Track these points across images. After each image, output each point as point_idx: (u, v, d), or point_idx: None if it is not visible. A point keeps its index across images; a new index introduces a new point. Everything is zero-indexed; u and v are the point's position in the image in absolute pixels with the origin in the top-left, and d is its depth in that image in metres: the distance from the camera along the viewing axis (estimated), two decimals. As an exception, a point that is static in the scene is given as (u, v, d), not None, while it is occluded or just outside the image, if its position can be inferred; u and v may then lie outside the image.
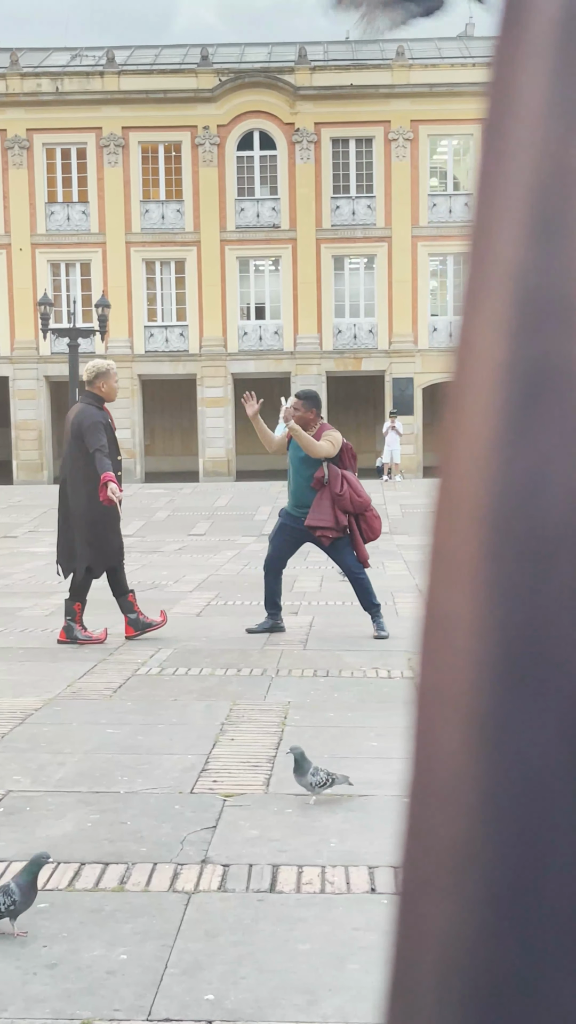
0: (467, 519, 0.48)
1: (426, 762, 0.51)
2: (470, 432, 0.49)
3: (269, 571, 10.02)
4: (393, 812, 5.16)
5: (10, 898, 3.87)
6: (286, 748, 6.23)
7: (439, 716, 0.50)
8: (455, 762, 0.48)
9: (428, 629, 0.51)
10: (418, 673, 0.53)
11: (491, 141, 0.52)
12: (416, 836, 0.53)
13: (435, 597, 0.51)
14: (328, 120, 41.16)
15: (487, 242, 0.51)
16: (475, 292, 0.51)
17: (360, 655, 8.90)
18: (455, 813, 0.48)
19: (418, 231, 41.24)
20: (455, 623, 0.48)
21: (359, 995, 3.51)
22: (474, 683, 0.47)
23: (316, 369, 41.25)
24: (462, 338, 0.53)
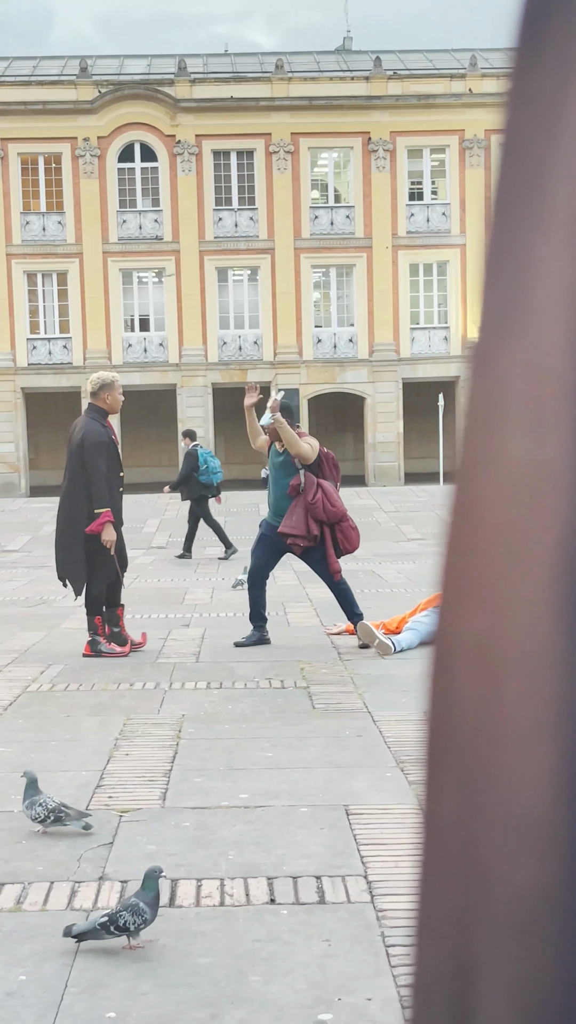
0: (537, 576, 0.45)
1: (495, 805, 0.46)
2: (540, 493, 0.45)
3: (252, 583, 9.96)
4: (290, 823, 5.19)
5: (141, 917, 3.83)
6: (182, 762, 6.23)
7: (506, 759, 0.46)
8: (534, 807, 0.44)
9: (478, 668, 0.47)
10: (470, 711, 0.48)
11: (530, 154, 0.48)
12: (477, 878, 0.47)
13: (483, 633, 0.47)
14: (209, 132, 41.20)
15: (545, 243, 0.47)
16: (525, 312, 0.47)
17: (252, 666, 8.92)
18: (531, 853, 0.45)
19: (300, 243, 41.47)
20: (519, 662, 0.46)
21: (261, 1007, 3.53)
22: (560, 733, 0.44)
23: (202, 380, 41.23)
24: (508, 357, 0.48)
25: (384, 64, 42.14)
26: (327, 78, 41.96)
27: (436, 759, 0.51)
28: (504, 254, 0.50)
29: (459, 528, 0.51)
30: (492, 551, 0.48)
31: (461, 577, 0.50)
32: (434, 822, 0.51)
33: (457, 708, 0.49)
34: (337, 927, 4.07)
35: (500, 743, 0.46)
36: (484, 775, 0.47)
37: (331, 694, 7.91)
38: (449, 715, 0.50)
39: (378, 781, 5.83)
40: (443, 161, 42.06)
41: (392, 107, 41.36)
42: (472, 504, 0.50)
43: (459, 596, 0.50)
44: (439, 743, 0.51)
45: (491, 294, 0.51)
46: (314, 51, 45.44)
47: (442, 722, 0.51)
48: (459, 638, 0.49)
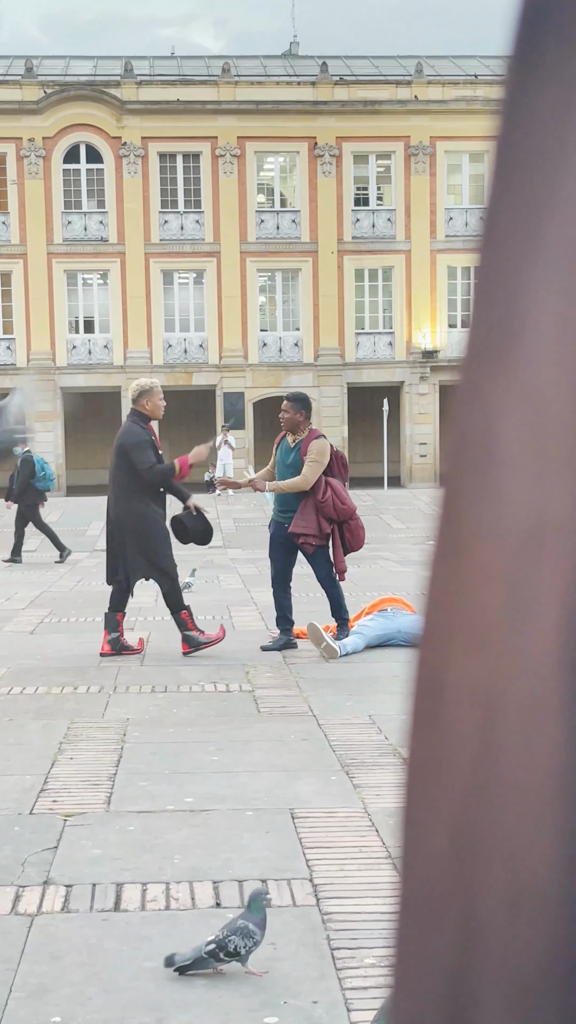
0: (541, 625, 0.43)
1: (494, 867, 0.44)
2: (544, 535, 0.43)
3: (276, 587, 9.93)
4: (235, 826, 5.19)
5: (252, 939, 3.67)
6: (127, 766, 6.21)
7: (507, 819, 0.44)
8: (537, 872, 0.42)
9: (480, 711, 0.45)
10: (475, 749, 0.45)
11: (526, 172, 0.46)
12: (473, 938, 0.45)
13: (483, 682, 0.45)
14: (155, 135, 41.11)
15: (544, 273, 0.44)
16: (520, 344, 0.44)
17: (197, 670, 8.90)
18: (533, 921, 0.43)
19: (246, 247, 41.49)
20: (524, 716, 0.43)
21: (207, 1011, 3.53)
22: (567, 792, 0.42)
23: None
24: (502, 391, 0.45)
25: (330, 70, 42.26)
26: (274, 83, 42.01)
27: (423, 809, 0.48)
28: (495, 280, 0.47)
29: (449, 565, 0.48)
30: (491, 595, 0.46)
31: (453, 617, 0.48)
32: (422, 874, 0.48)
33: (451, 759, 0.47)
34: (283, 930, 4.08)
35: (501, 801, 0.44)
36: (481, 833, 0.45)
37: (276, 698, 7.92)
38: (440, 765, 0.47)
39: (323, 785, 5.85)
40: (388, 167, 42.25)
41: (338, 112, 41.49)
42: (466, 543, 0.47)
43: (450, 637, 0.47)
44: (428, 793, 0.48)
45: (481, 322, 0.48)
46: (261, 55, 45.49)
47: (431, 771, 0.48)
48: (453, 683, 0.47)
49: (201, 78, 42.19)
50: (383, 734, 6.84)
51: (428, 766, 0.48)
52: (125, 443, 9.42)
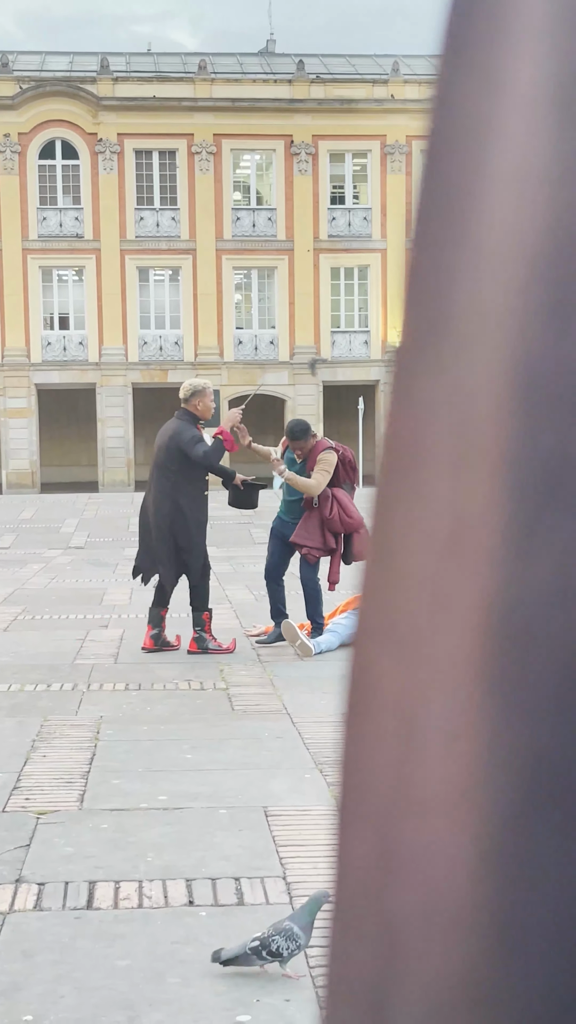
0: (461, 631, 0.42)
1: (413, 881, 0.43)
2: (463, 537, 0.42)
3: (269, 580, 10.00)
4: (209, 824, 5.18)
5: (295, 942, 3.63)
6: (101, 764, 6.20)
7: (424, 832, 0.43)
8: (454, 886, 0.41)
9: (400, 738, 0.44)
10: (388, 774, 0.45)
11: (460, 174, 0.45)
12: (393, 952, 0.44)
13: (403, 689, 0.44)
14: (131, 131, 41.01)
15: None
16: (455, 323, 0.44)
17: (171, 668, 8.89)
18: (450, 936, 0.42)
19: (222, 244, 41.45)
20: (441, 726, 0.42)
21: (180, 1009, 3.53)
22: (483, 806, 0.41)
23: (122, 380, 41.04)
24: (430, 388, 0.45)
25: (307, 68, 42.27)
26: (250, 80, 41.98)
27: (350, 819, 0.47)
28: (425, 274, 0.47)
29: (376, 566, 0.47)
30: (412, 598, 0.45)
31: (378, 620, 0.46)
32: (348, 883, 0.47)
33: (375, 766, 0.46)
34: (256, 928, 4.07)
35: (418, 813, 0.43)
36: (401, 843, 0.44)
37: (250, 696, 7.92)
38: (366, 771, 0.46)
39: (297, 783, 5.85)
40: (365, 166, 42.29)
41: (315, 111, 41.50)
42: (390, 543, 0.46)
43: (377, 641, 0.46)
44: (353, 802, 0.47)
45: (412, 317, 0.47)
46: (237, 53, 45.46)
47: (357, 781, 0.47)
48: (376, 688, 0.46)
49: (177, 75, 42.13)
50: (357, 732, 6.84)
51: (356, 772, 0.47)
52: (181, 441, 9.43)
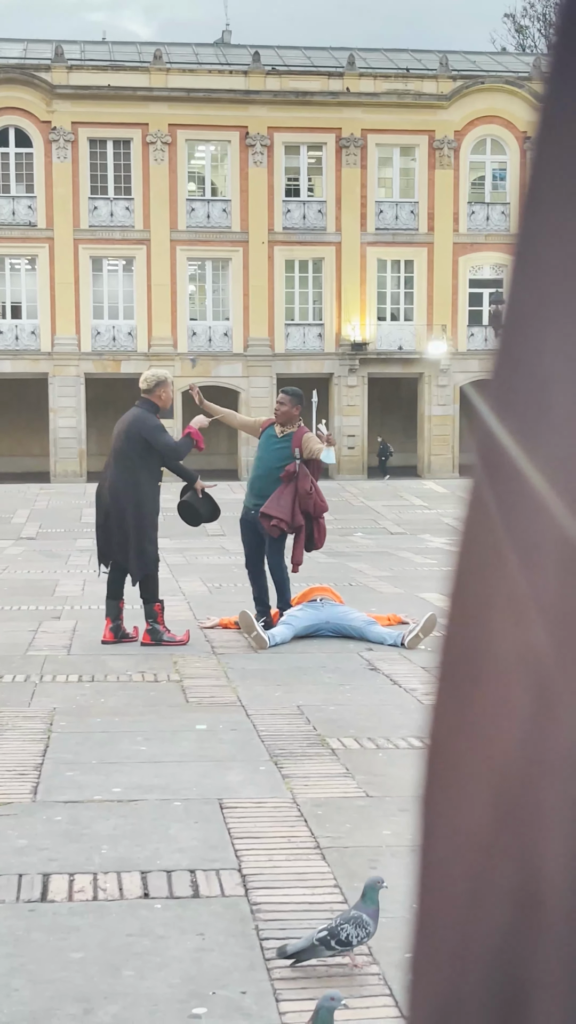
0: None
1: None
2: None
3: (249, 571, 10.15)
4: (163, 816, 5.17)
5: (364, 930, 3.58)
6: (54, 756, 6.16)
7: (569, 737, 0.42)
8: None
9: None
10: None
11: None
12: (532, 902, 0.42)
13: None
14: (85, 120, 40.73)
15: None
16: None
17: (124, 659, 8.85)
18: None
19: (176, 235, 41.28)
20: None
21: (135, 1002, 3.51)
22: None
23: (75, 370, 40.79)
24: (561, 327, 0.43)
25: (263, 59, 42.16)
26: (205, 71, 41.81)
27: (463, 775, 0.46)
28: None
29: (490, 532, 0.47)
30: (537, 561, 0.44)
31: (495, 587, 0.46)
32: (461, 842, 0.45)
33: (498, 726, 0.45)
34: (211, 921, 4.07)
35: (557, 766, 0.42)
36: (536, 798, 0.42)
37: (205, 688, 7.90)
38: (484, 731, 0.46)
39: (252, 775, 5.84)
40: (320, 158, 42.26)
41: (270, 103, 41.41)
42: (512, 508, 0.46)
43: (492, 606, 0.46)
44: (469, 758, 0.46)
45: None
46: (193, 43, 45.27)
47: (471, 737, 0.46)
48: (497, 652, 0.45)
49: (132, 64, 41.88)
50: (311, 724, 6.85)
51: (470, 723, 0.46)
52: (143, 428, 9.42)
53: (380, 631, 9.56)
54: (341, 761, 6.09)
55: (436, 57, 43.72)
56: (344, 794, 5.54)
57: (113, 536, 9.45)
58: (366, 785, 5.68)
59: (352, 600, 10.99)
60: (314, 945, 3.59)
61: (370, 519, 24.85)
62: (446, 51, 44.30)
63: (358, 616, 9.79)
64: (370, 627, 9.61)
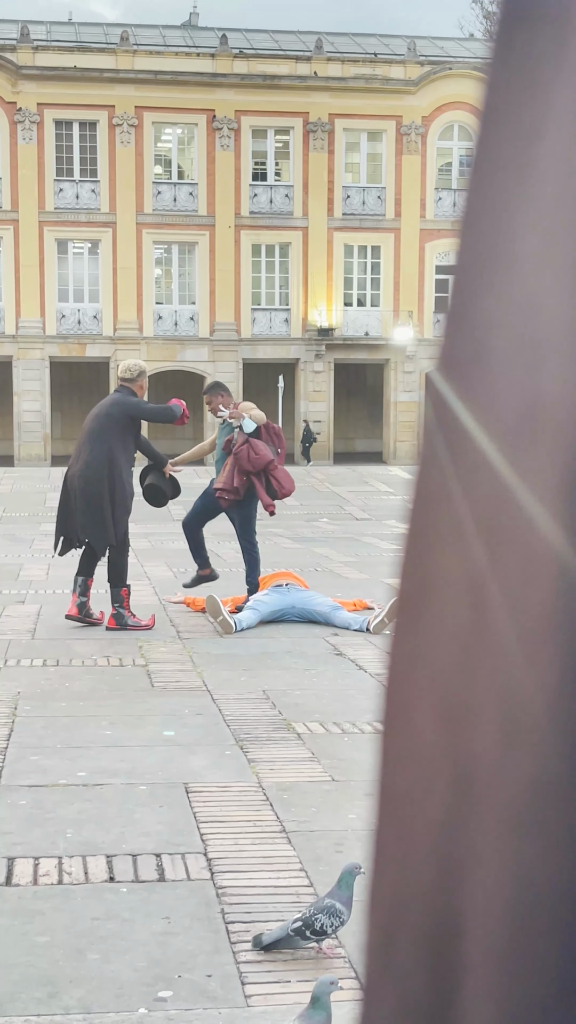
0: (543, 458, 0.46)
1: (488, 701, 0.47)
2: (535, 385, 0.47)
3: (185, 528, 10.62)
4: (129, 800, 5.16)
5: (339, 919, 3.54)
6: (18, 740, 6.13)
7: (503, 639, 0.47)
8: (538, 700, 0.45)
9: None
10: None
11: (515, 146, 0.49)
12: (467, 778, 0.48)
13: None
14: (51, 101, 40.46)
15: (536, 199, 0.48)
16: (520, 254, 0.48)
17: (90, 644, 8.83)
18: (528, 748, 0.45)
19: (143, 218, 41.11)
20: (525, 560, 0.46)
21: (100, 985, 3.50)
22: (561, 625, 0.45)
23: (39, 354, 40.57)
24: (498, 292, 0.49)
25: (230, 42, 42.00)
26: (173, 53, 41.62)
27: (412, 685, 0.52)
28: (484, 207, 0.51)
29: (439, 463, 0.52)
30: (483, 489, 0.49)
31: (444, 522, 0.51)
32: (408, 735, 0.52)
33: (441, 636, 0.50)
34: (177, 904, 4.07)
35: (497, 655, 0.47)
36: (473, 686, 0.48)
37: (170, 672, 7.89)
38: (430, 641, 0.50)
39: (217, 759, 5.84)
40: (287, 143, 42.17)
41: (237, 86, 41.27)
42: (458, 436, 0.51)
43: (441, 540, 0.51)
44: (418, 668, 0.51)
45: (471, 247, 0.51)
46: (160, 25, 45.03)
47: (419, 652, 0.51)
48: (442, 576, 0.50)
49: (99, 45, 41.63)
50: (277, 709, 6.85)
51: (418, 647, 0.51)
52: (126, 406, 9.57)
53: (346, 616, 9.58)
54: (307, 745, 6.10)
55: (404, 42, 43.69)
56: (310, 778, 5.54)
57: (81, 516, 9.43)
58: (331, 769, 5.68)
59: (318, 585, 11.00)
60: (289, 936, 3.59)
61: (336, 505, 24.88)
62: (414, 36, 44.27)
63: (324, 601, 9.80)
64: (336, 612, 9.63)
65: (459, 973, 0.48)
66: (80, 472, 9.45)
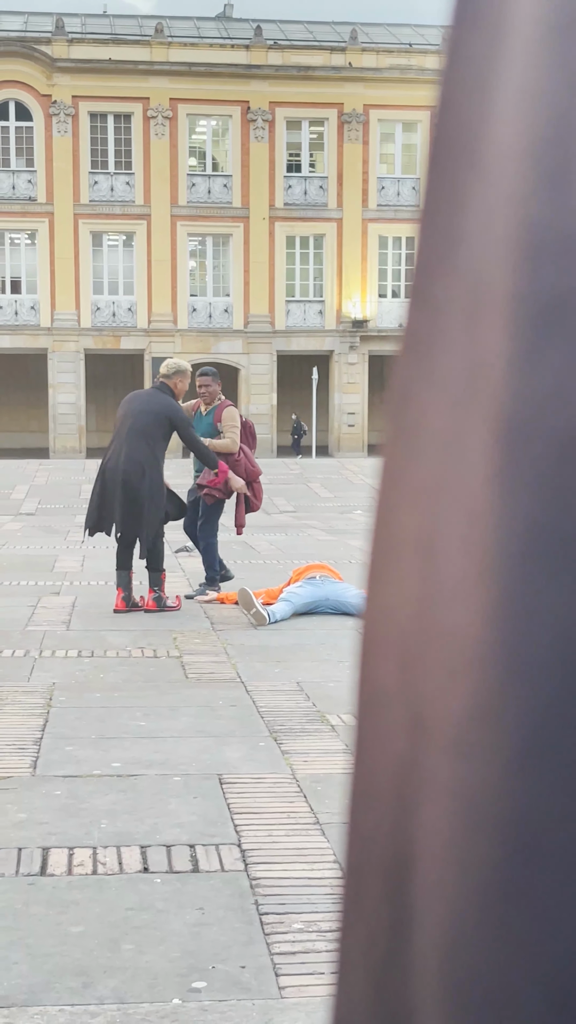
0: (478, 420, 0.50)
1: (432, 634, 0.52)
2: (474, 351, 0.51)
3: (188, 533, 10.91)
4: (162, 791, 5.17)
5: None
6: (53, 730, 6.16)
7: (446, 585, 0.51)
8: (473, 633, 0.49)
9: (434, 512, 0.53)
10: (416, 540, 0.54)
11: (470, 92, 0.54)
12: (415, 704, 0.53)
13: (432, 485, 0.53)
14: (86, 94, 40.56)
15: (481, 180, 0.52)
16: (467, 231, 0.53)
17: (124, 635, 8.85)
18: (467, 675, 0.50)
19: (177, 210, 41.14)
20: (466, 514, 0.50)
21: (134, 976, 3.51)
22: (492, 567, 0.48)
23: (74, 346, 40.71)
24: (450, 268, 0.54)
25: (264, 33, 41.94)
26: (207, 45, 41.60)
27: (376, 645, 0.56)
28: (439, 197, 0.55)
29: (396, 422, 0.57)
30: (430, 441, 0.53)
31: (398, 470, 0.56)
32: (372, 690, 0.56)
33: (397, 595, 0.54)
34: (211, 895, 4.07)
35: (441, 599, 0.51)
36: (426, 628, 0.52)
37: (204, 664, 7.90)
38: (388, 602, 0.55)
39: (251, 751, 5.84)
40: (321, 134, 42.08)
41: (272, 77, 41.21)
42: (408, 398, 0.56)
43: (398, 489, 0.56)
44: (380, 630, 0.56)
45: (428, 234, 0.56)
46: (194, 17, 45.02)
47: (382, 612, 0.56)
48: (398, 534, 0.55)
49: (134, 38, 41.66)
50: (311, 701, 6.85)
51: (380, 607, 0.56)
52: (175, 416, 9.79)
53: None
54: (341, 737, 6.09)
55: (439, 32, 43.49)
56: (344, 770, 5.53)
57: (121, 510, 9.63)
58: (365, 761, 5.67)
59: (351, 578, 10.99)
60: None
61: (370, 497, 24.84)
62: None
63: (358, 593, 9.79)
64: None
65: (413, 898, 0.52)
66: (123, 468, 9.62)
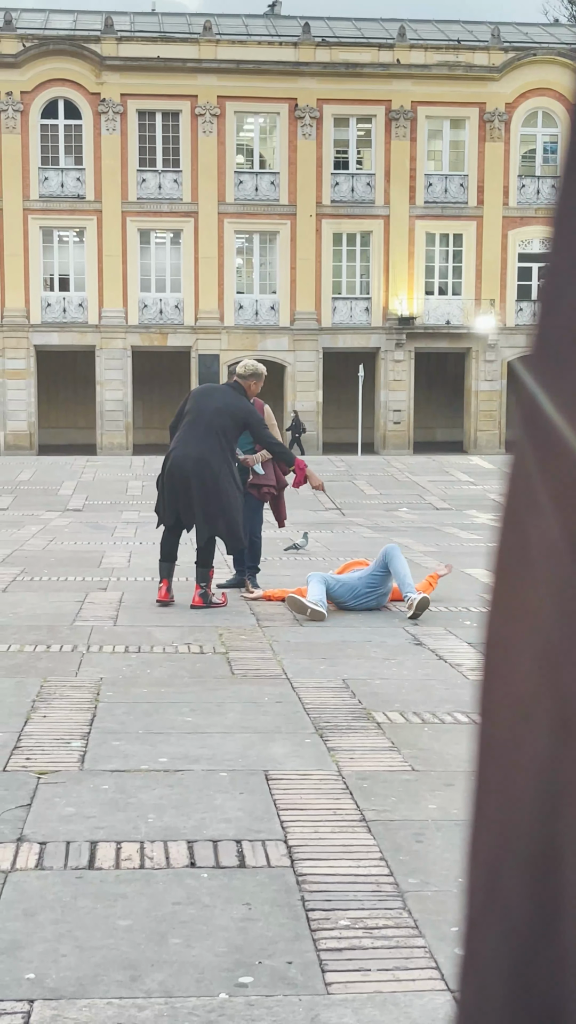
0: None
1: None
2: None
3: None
4: (209, 787, 5.18)
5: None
6: (100, 725, 6.20)
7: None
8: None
9: None
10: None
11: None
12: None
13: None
14: (134, 92, 40.71)
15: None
16: None
17: (170, 631, 8.89)
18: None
19: (224, 208, 41.22)
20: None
21: (181, 969, 3.52)
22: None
23: (121, 343, 40.88)
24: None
25: (312, 31, 41.92)
26: (255, 42, 41.64)
27: (512, 642, 0.56)
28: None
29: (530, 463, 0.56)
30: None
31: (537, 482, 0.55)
32: (510, 689, 0.56)
33: (537, 599, 0.54)
34: (257, 891, 4.08)
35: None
36: (567, 648, 0.52)
37: (250, 660, 7.92)
38: (527, 603, 0.55)
39: (297, 747, 5.85)
40: (369, 131, 42.01)
41: (319, 74, 41.19)
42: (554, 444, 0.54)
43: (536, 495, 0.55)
44: (516, 627, 0.56)
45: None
46: (243, 14, 45.07)
47: (518, 610, 0.56)
48: (536, 541, 0.54)
49: (182, 36, 41.78)
50: (356, 698, 6.85)
51: (518, 605, 0.56)
52: (252, 418, 10.01)
53: (406, 579, 9.58)
54: (387, 735, 6.08)
55: (487, 28, 43.29)
56: (389, 768, 5.53)
57: (194, 504, 9.75)
58: (412, 759, 5.67)
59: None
60: None
61: (416, 494, 24.78)
62: (497, 23, 43.86)
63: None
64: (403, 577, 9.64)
65: (562, 897, 0.52)
66: (195, 462, 9.73)
